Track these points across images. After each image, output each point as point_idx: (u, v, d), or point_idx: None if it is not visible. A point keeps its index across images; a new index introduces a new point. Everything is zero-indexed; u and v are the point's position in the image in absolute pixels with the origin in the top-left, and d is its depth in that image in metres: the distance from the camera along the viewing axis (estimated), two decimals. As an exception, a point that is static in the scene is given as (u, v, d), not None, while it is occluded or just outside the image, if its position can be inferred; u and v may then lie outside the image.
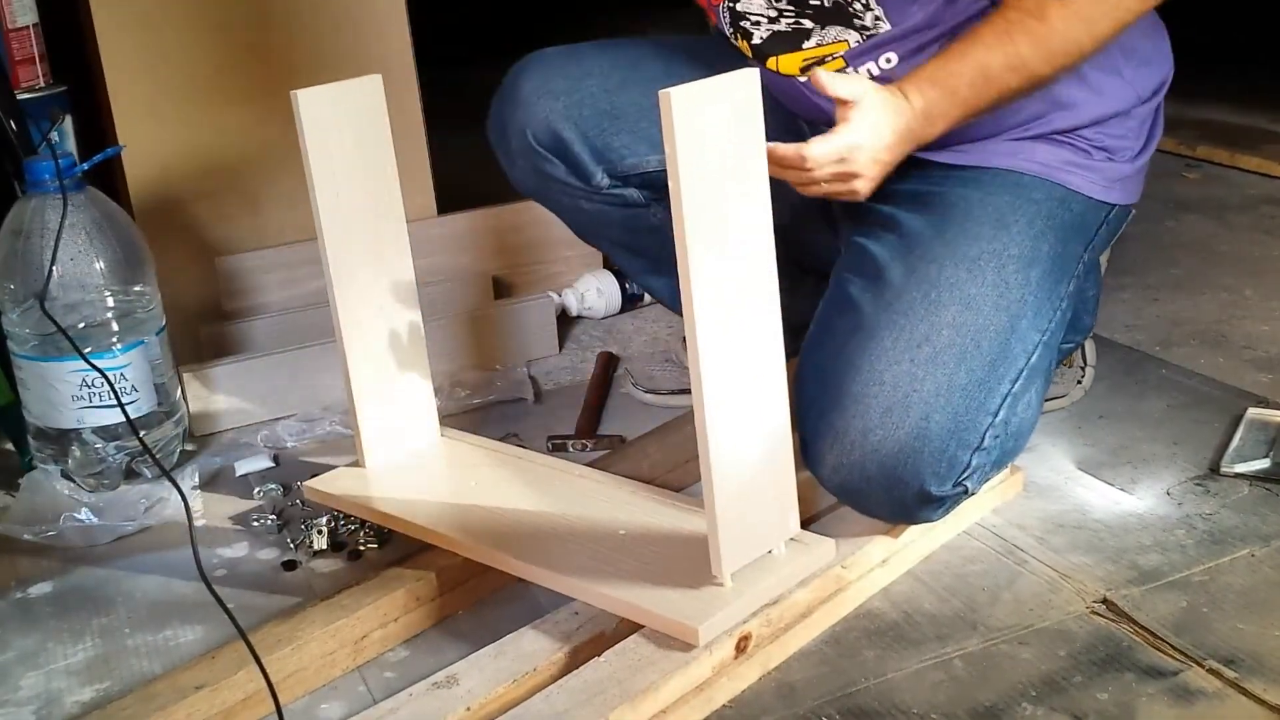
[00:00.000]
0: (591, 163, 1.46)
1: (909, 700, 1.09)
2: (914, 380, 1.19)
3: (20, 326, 1.49)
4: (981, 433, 1.21)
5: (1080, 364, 1.59)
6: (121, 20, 1.73)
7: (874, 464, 1.19)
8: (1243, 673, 1.09)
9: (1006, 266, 1.26)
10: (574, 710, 1.04)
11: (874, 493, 1.21)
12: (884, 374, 1.20)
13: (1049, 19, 1.20)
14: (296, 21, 1.80)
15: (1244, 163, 2.42)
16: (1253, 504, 1.33)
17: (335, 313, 1.36)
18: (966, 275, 1.25)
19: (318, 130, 1.31)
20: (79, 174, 1.48)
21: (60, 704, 1.18)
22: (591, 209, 1.51)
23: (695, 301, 1.05)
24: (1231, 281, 1.92)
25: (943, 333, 1.22)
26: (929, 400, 1.19)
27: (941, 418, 1.19)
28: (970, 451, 1.20)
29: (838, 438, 1.20)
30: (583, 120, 1.45)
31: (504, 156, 1.51)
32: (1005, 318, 1.24)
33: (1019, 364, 1.24)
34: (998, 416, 1.22)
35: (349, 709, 1.14)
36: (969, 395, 1.20)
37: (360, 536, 1.38)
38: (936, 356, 1.20)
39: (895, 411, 1.19)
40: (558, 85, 1.46)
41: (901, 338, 1.22)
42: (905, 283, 1.25)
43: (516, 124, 1.46)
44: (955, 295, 1.23)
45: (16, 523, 1.44)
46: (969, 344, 1.21)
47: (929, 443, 1.18)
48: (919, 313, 1.23)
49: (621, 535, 1.24)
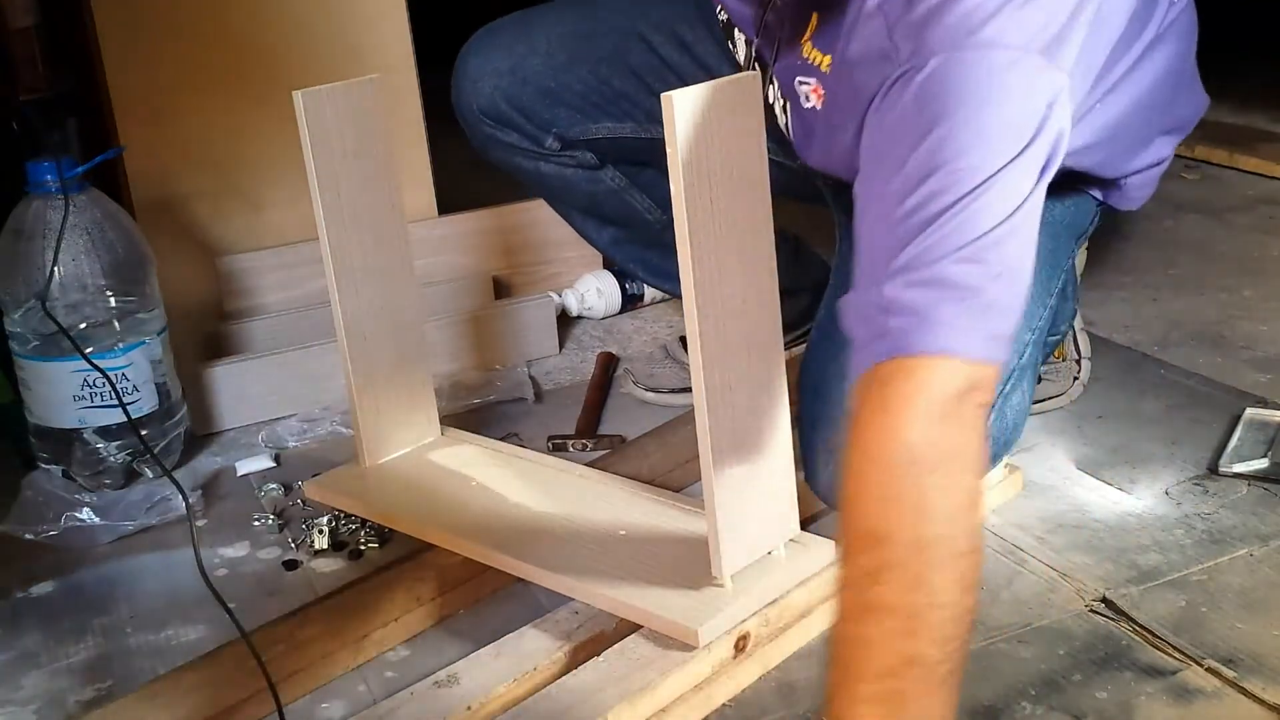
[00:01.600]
0: (539, 131, 1.53)
1: (908, 699, 1.09)
2: None
3: (22, 327, 1.49)
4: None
5: (1075, 357, 1.59)
6: (123, 21, 1.73)
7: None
8: (1241, 672, 1.09)
9: None
10: (573, 709, 1.04)
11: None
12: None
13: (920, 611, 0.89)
14: (297, 22, 1.80)
15: (1243, 163, 2.42)
16: (1251, 503, 1.34)
17: (336, 312, 1.37)
18: None
19: (319, 130, 1.31)
20: (80, 174, 1.49)
21: (61, 703, 1.18)
22: (551, 171, 1.57)
23: (696, 301, 1.06)
24: (1230, 281, 1.92)
25: None
26: None
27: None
28: None
29: (833, 453, 1.20)
30: (524, 97, 1.51)
31: (464, 127, 1.58)
32: None
33: (1010, 364, 1.24)
34: (990, 416, 1.22)
35: (350, 708, 1.14)
36: None
37: (361, 536, 1.38)
38: None
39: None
40: (500, 63, 1.51)
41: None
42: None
43: (465, 99, 1.54)
44: None
45: (18, 523, 1.44)
46: None
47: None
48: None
49: (621, 536, 1.24)
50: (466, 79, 1.53)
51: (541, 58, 1.51)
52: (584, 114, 1.52)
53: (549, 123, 1.52)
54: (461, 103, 1.55)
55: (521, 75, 1.50)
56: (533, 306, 1.84)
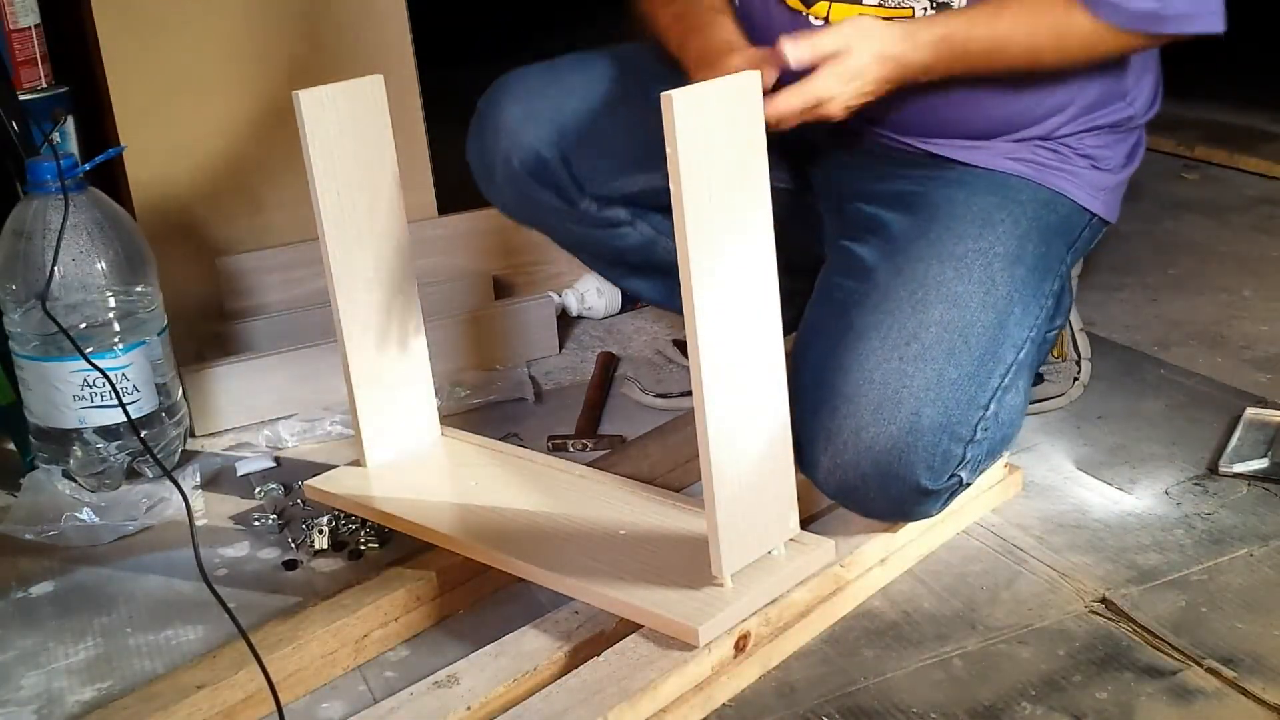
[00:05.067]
0: (577, 190, 1.45)
1: (908, 699, 1.09)
2: (903, 377, 1.20)
3: (22, 327, 1.49)
4: (973, 426, 1.21)
5: (1075, 357, 1.59)
6: (123, 21, 1.73)
7: (868, 461, 1.19)
8: (1241, 672, 1.09)
9: (993, 264, 1.26)
10: (573, 709, 1.04)
11: (870, 491, 1.21)
12: (874, 373, 1.20)
13: (1075, 19, 1.24)
14: (297, 22, 1.80)
15: (1243, 163, 2.42)
16: (1251, 503, 1.34)
17: (336, 312, 1.37)
18: (953, 273, 1.25)
19: (319, 130, 1.31)
20: (81, 174, 1.49)
21: (62, 703, 1.18)
22: (578, 230, 1.51)
23: (696, 302, 1.06)
24: (1230, 282, 1.92)
25: (930, 330, 1.22)
26: (919, 395, 1.19)
27: (932, 412, 1.19)
28: (963, 444, 1.21)
29: (831, 439, 1.21)
30: (566, 145, 1.42)
31: (486, 182, 1.48)
32: (993, 314, 1.24)
33: (1007, 359, 1.24)
34: (988, 410, 1.22)
35: (350, 708, 1.14)
36: (959, 389, 1.21)
37: (361, 536, 1.38)
38: (925, 353, 1.21)
39: (886, 408, 1.19)
40: (541, 109, 1.42)
41: (890, 336, 1.22)
42: (892, 283, 1.25)
43: (501, 152, 1.43)
44: (942, 293, 1.24)
45: (18, 522, 1.44)
46: (957, 340, 1.22)
47: (921, 437, 1.19)
48: (906, 311, 1.23)
49: (621, 535, 1.24)
50: (501, 130, 1.42)
51: (578, 98, 1.42)
52: (623, 166, 1.44)
53: (588, 176, 1.44)
54: (495, 155, 1.43)
55: (562, 121, 1.41)
56: (533, 306, 1.84)
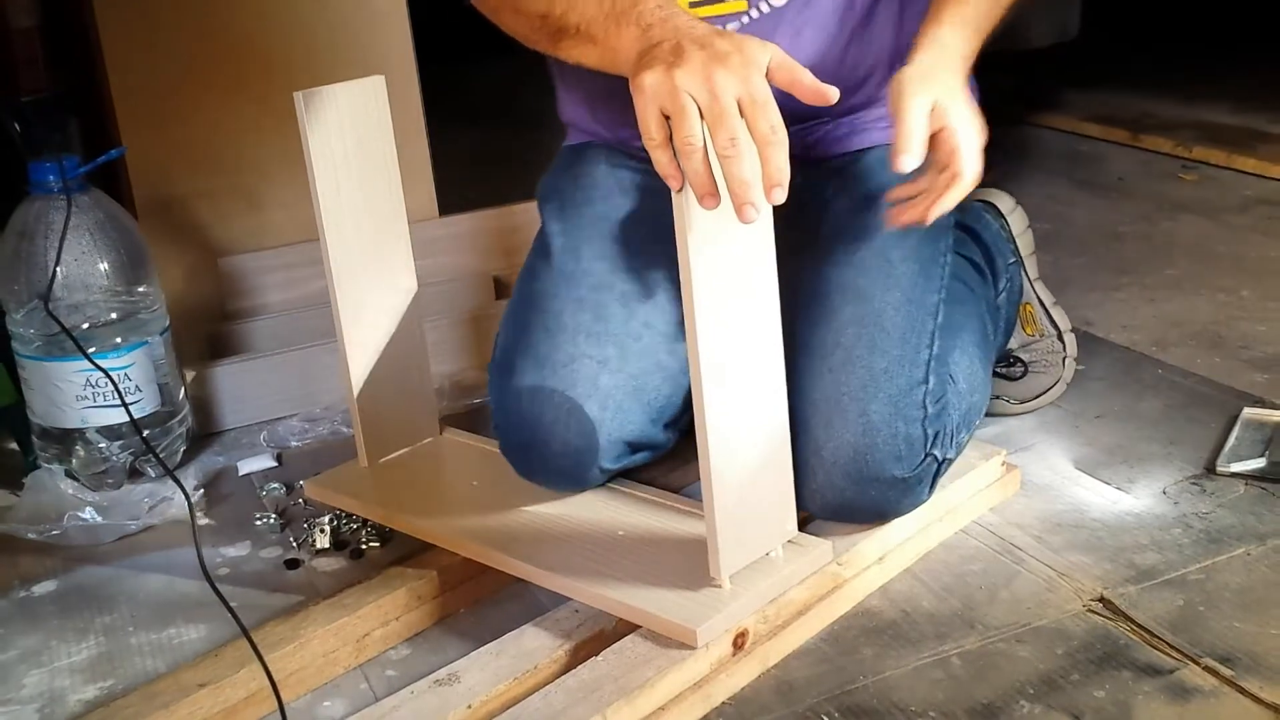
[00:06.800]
0: (663, 433, 1.34)
1: (907, 698, 1.10)
2: (839, 386, 1.22)
3: (24, 327, 1.49)
4: (920, 403, 1.23)
5: (1053, 333, 1.59)
6: (124, 21, 1.73)
7: (839, 475, 1.21)
8: (1239, 671, 1.09)
9: (883, 246, 1.28)
10: (571, 708, 1.05)
11: (852, 501, 1.23)
12: (812, 394, 1.23)
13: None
14: (298, 22, 1.81)
15: (1241, 164, 2.42)
16: (1249, 503, 1.34)
17: (336, 313, 1.37)
18: (850, 271, 1.27)
19: (320, 131, 1.31)
20: (82, 175, 1.49)
21: (64, 702, 1.19)
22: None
23: (695, 305, 1.06)
24: (1228, 282, 1.92)
25: (846, 331, 1.24)
26: (859, 396, 1.21)
27: (878, 405, 1.21)
28: (920, 424, 1.22)
29: (801, 470, 1.22)
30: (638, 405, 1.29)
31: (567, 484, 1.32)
32: (897, 293, 1.26)
33: (928, 327, 1.27)
34: (929, 384, 1.24)
35: (351, 707, 1.15)
36: (893, 376, 1.22)
37: (362, 535, 1.38)
38: (850, 355, 1.23)
39: (835, 421, 1.21)
40: (607, 380, 1.28)
41: (814, 354, 1.24)
42: (800, 308, 1.27)
43: (587, 453, 1.27)
44: (845, 295, 1.26)
45: (20, 522, 1.45)
46: (874, 331, 1.24)
47: (876, 434, 1.20)
48: (819, 324, 1.25)
49: (620, 536, 1.25)
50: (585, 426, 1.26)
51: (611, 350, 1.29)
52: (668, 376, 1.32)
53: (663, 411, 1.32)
54: (580, 459, 1.27)
55: (619, 380, 1.28)
56: (533, 306, 1.84)
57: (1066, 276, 1.97)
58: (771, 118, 0.98)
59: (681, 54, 0.99)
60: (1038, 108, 2.89)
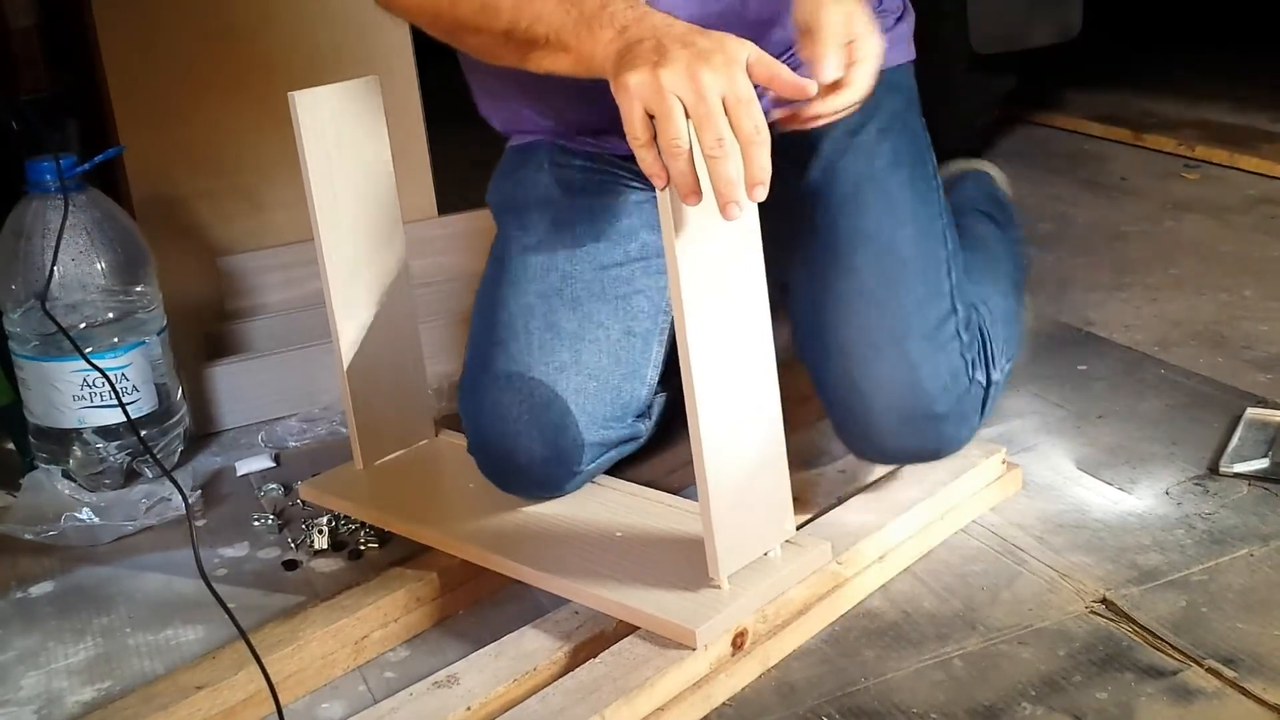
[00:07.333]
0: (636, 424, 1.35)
1: (908, 700, 1.09)
2: (872, 333, 1.23)
3: (21, 326, 1.49)
4: (955, 332, 1.25)
5: None
6: (123, 21, 1.73)
7: (892, 418, 1.23)
8: (1242, 672, 1.09)
9: (883, 183, 1.29)
10: (570, 709, 1.04)
11: (907, 442, 1.25)
12: (844, 343, 1.23)
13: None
14: (297, 22, 1.80)
15: (1243, 163, 2.42)
16: (1252, 504, 1.33)
17: (331, 313, 1.37)
18: (856, 216, 1.27)
19: (315, 132, 1.31)
20: (80, 174, 1.49)
21: (61, 703, 1.18)
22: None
23: (686, 306, 1.05)
24: (1231, 282, 1.92)
25: (866, 277, 1.25)
26: (894, 332, 1.22)
27: (914, 340, 1.22)
28: (957, 353, 1.24)
29: (844, 422, 1.25)
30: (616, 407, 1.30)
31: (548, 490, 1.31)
32: (908, 228, 1.27)
33: (942, 254, 1.28)
34: (958, 312, 1.26)
35: (350, 709, 1.14)
36: (921, 310, 1.24)
37: (361, 536, 1.38)
38: (874, 297, 1.24)
39: (871, 363, 1.22)
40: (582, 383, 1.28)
41: (839, 304, 1.25)
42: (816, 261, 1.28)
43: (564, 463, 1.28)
44: (857, 239, 1.27)
45: (18, 522, 1.44)
46: (893, 268, 1.25)
47: (917, 368, 1.22)
48: (837, 276, 1.26)
49: (619, 538, 1.24)
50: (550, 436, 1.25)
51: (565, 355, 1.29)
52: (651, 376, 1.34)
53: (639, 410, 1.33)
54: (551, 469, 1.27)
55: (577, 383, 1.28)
56: (533, 306, 1.84)
57: (1069, 276, 1.96)
58: (756, 117, 0.98)
59: (665, 53, 0.98)
60: (1040, 107, 2.88)
